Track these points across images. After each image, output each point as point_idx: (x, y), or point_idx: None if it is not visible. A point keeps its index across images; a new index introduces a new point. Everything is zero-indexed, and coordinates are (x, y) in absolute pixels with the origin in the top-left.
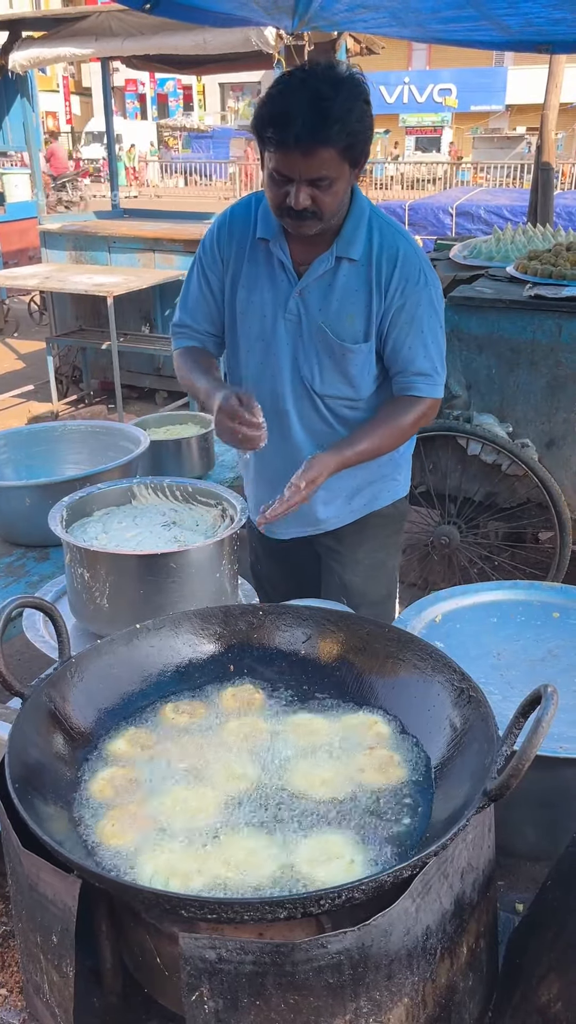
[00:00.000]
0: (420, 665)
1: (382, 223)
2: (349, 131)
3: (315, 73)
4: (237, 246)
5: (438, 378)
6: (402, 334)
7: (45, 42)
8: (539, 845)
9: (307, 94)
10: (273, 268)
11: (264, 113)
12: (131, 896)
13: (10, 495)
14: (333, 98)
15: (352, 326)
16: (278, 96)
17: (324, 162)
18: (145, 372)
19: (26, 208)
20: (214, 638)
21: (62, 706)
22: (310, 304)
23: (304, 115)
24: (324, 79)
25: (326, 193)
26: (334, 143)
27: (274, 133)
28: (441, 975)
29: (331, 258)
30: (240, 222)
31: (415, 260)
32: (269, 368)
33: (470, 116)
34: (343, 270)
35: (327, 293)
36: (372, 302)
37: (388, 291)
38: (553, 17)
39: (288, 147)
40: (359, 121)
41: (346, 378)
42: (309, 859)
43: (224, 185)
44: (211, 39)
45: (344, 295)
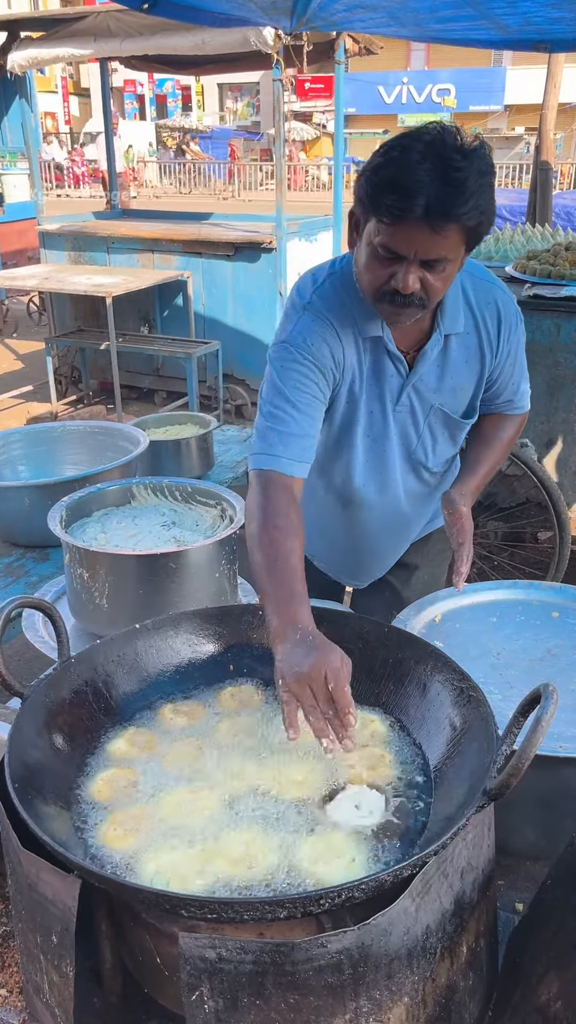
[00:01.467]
0: (420, 665)
1: (470, 278)
2: (482, 209)
3: (442, 139)
4: (355, 351)
5: (527, 389)
6: (507, 375)
7: (43, 43)
8: (539, 844)
9: (436, 161)
10: (383, 364)
11: (383, 178)
12: (131, 896)
13: (9, 495)
14: (467, 169)
15: (464, 397)
16: (401, 159)
17: (448, 241)
18: (144, 372)
19: (25, 209)
20: (213, 638)
21: (62, 706)
22: (423, 391)
23: (437, 185)
24: (453, 147)
25: (438, 277)
26: (466, 220)
27: (397, 201)
28: (441, 974)
29: (440, 339)
30: (346, 323)
31: (510, 304)
32: (375, 461)
33: (469, 116)
34: (452, 346)
35: (440, 375)
36: (485, 365)
37: (498, 348)
38: (551, 16)
39: (412, 219)
40: (491, 200)
41: (455, 442)
42: (311, 857)
43: (223, 185)
44: (209, 39)
45: (456, 371)
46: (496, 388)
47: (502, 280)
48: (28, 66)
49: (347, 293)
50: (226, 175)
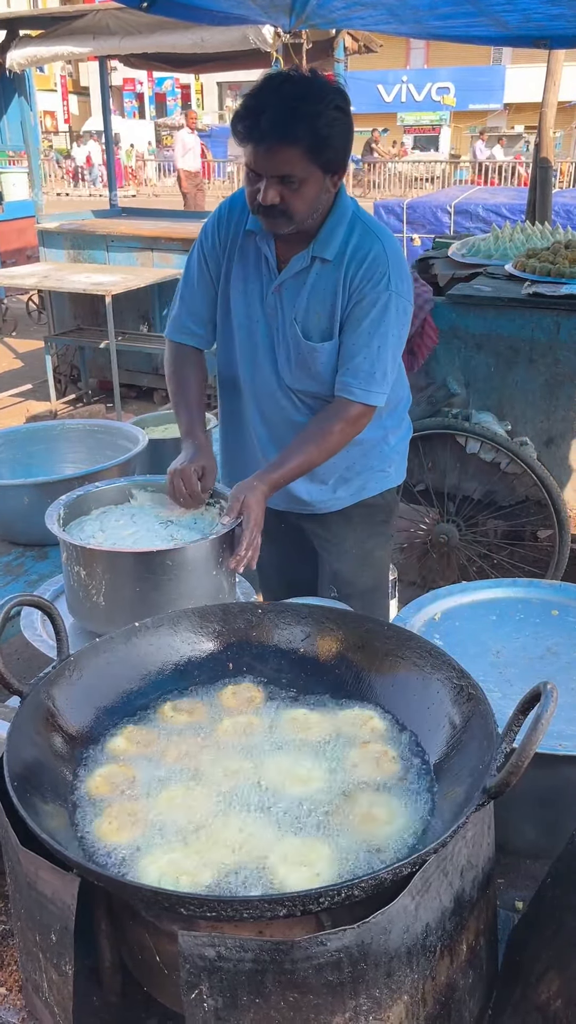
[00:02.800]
0: (419, 663)
1: (365, 227)
2: (316, 133)
3: (292, 77)
4: (232, 235)
5: (375, 385)
6: (350, 331)
7: (42, 41)
8: (538, 843)
9: (279, 94)
10: (260, 261)
11: (238, 109)
12: (130, 894)
13: (8, 494)
14: (303, 99)
15: (319, 324)
16: (252, 94)
17: (290, 160)
18: (143, 371)
19: (24, 207)
20: (213, 636)
21: (61, 705)
22: (285, 301)
23: (271, 111)
24: (298, 82)
25: (295, 194)
26: (299, 142)
27: (243, 127)
28: (441, 973)
29: (307, 257)
30: (237, 212)
31: (383, 262)
32: (249, 356)
33: (468, 115)
34: (316, 269)
35: (300, 291)
36: (338, 301)
37: (350, 289)
38: (551, 12)
39: (255, 141)
40: (328, 125)
41: (314, 375)
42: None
43: (222, 184)
44: (209, 37)
45: (313, 294)
46: (342, 343)
47: (500, 278)
48: (27, 64)
49: None
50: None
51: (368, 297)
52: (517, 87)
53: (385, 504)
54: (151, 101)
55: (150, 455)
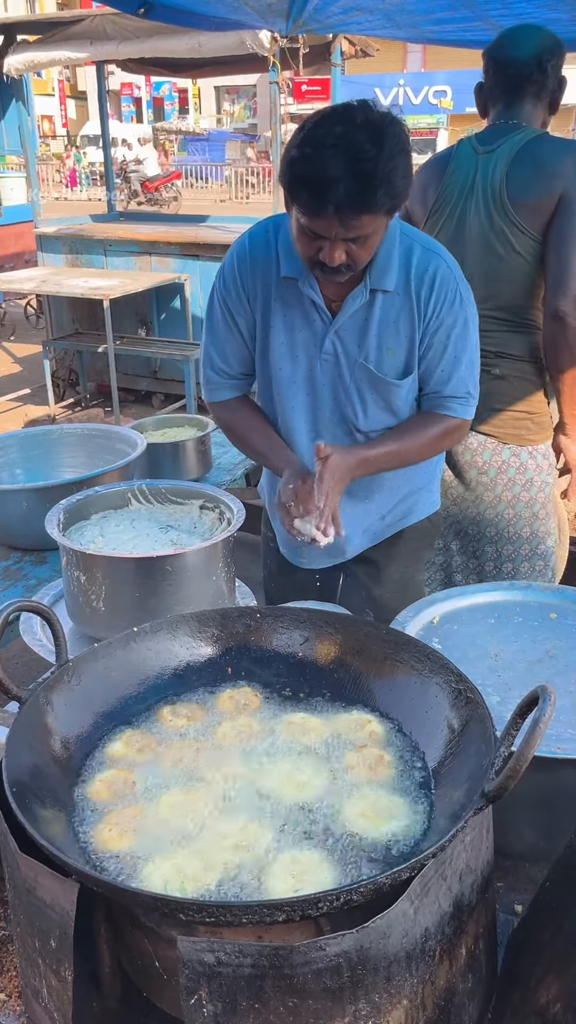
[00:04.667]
0: (418, 667)
1: (418, 245)
2: (394, 193)
3: (353, 123)
4: (262, 284)
5: (471, 400)
6: (436, 356)
7: (40, 46)
8: (537, 846)
9: (346, 154)
10: (305, 307)
11: (297, 173)
12: (129, 900)
13: (7, 499)
14: (376, 157)
15: (394, 359)
16: (314, 155)
17: (364, 225)
18: (142, 375)
19: (22, 211)
20: (211, 640)
21: (60, 710)
22: (347, 342)
23: (345, 181)
24: (365, 131)
25: (362, 248)
26: (377, 209)
27: (309, 198)
28: (440, 977)
29: (364, 292)
30: (261, 257)
31: (451, 279)
32: (306, 410)
33: (465, 118)
34: (379, 303)
35: (364, 329)
36: (415, 332)
37: (426, 316)
38: (547, 16)
39: (326, 215)
40: (404, 179)
41: (391, 411)
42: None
43: (220, 188)
44: (206, 42)
45: (382, 329)
46: (424, 369)
47: None
48: (25, 69)
49: (276, 234)
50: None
51: (447, 320)
52: None
53: (431, 528)
54: (149, 105)
55: (149, 459)
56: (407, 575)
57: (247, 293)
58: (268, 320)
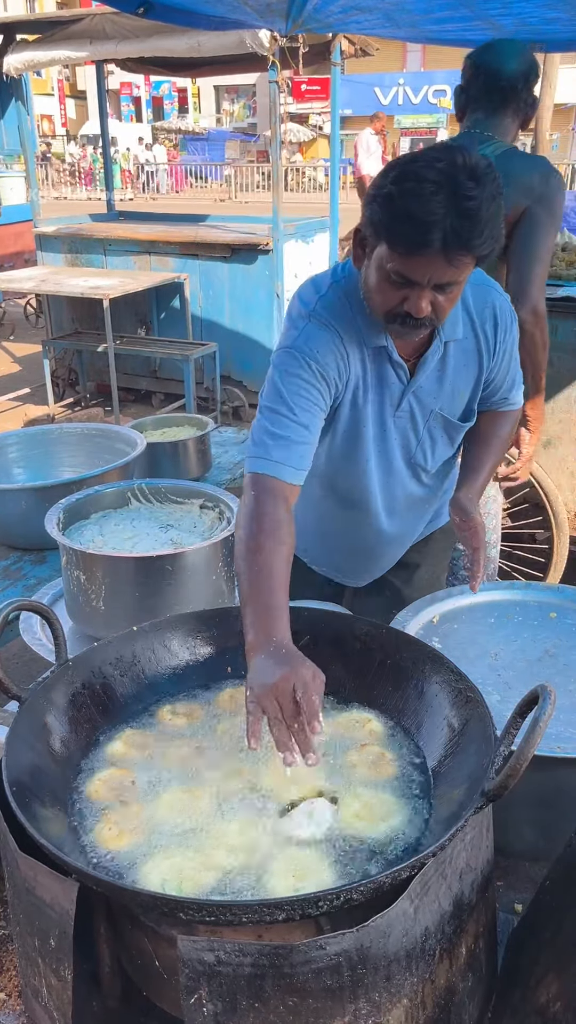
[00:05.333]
0: (418, 666)
1: (470, 283)
2: (495, 237)
3: (454, 166)
4: (359, 358)
5: (521, 383)
6: (503, 373)
7: (39, 45)
8: (537, 845)
9: (451, 191)
10: (386, 372)
11: (399, 210)
12: (129, 899)
13: (7, 498)
14: (480, 197)
15: (462, 401)
16: (416, 190)
17: (463, 269)
18: (141, 374)
19: (21, 211)
20: (211, 640)
21: (60, 709)
22: (423, 397)
23: (452, 218)
24: (466, 174)
25: (448, 298)
26: (482, 250)
27: (414, 235)
28: (440, 976)
29: (440, 347)
30: (357, 327)
31: (506, 310)
32: (379, 468)
33: None
34: (451, 352)
35: (440, 380)
36: (483, 371)
37: (495, 351)
38: (547, 16)
39: (429, 253)
40: (501, 225)
41: (453, 445)
42: None
43: (219, 187)
44: (205, 42)
45: (455, 376)
46: (492, 387)
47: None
48: (24, 69)
49: (350, 303)
50: (221, 177)
51: (509, 344)
52: None
53: None
54: (148, 105)
55: (148, 459)
56: (435, 574)
57: (343, 371)
58: (360, 395)
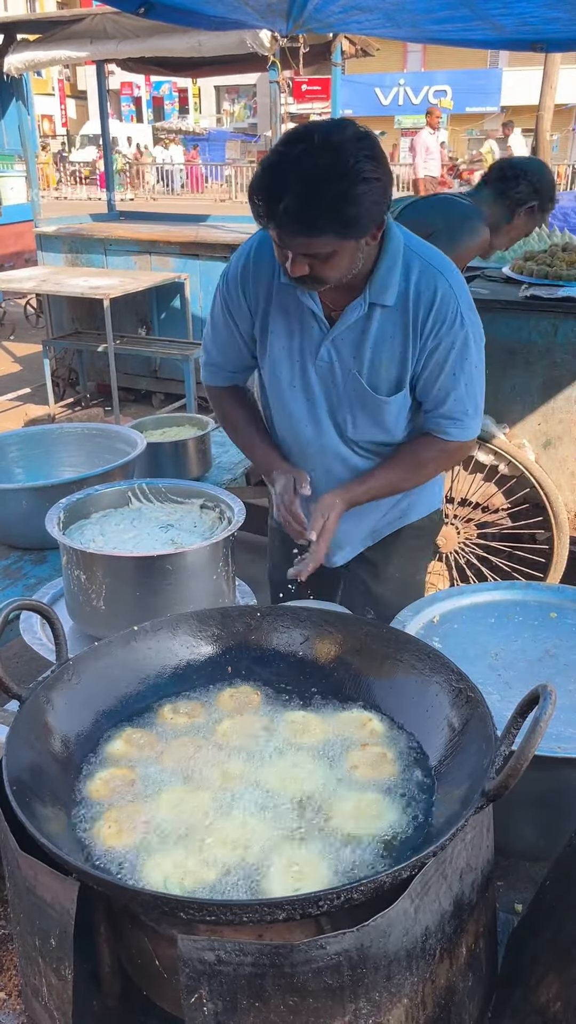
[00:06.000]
0: (418, 666)
1: (422, 262)
2: (343, 219)
3: (314, 146)
4: (264, 291)
5: (469, 421)
6: (432, 376)
7: (40, 45)
8: (538, 845)
9: (301, 172)
10: (303, 315)
11: (256, 181)
12: (129, 898)
13: (7, 498)
14: (325, 180)
15: (387, 374)
16: (274, 168)
17: (314, 245)
18: (142, 374)
19: (22, 211)
20: (212, 640)
21: (60, 708)
22: (343, 352)
23: (292, 196)
24: (320, 152)
25: (325, 265)
26: (323, 232)
27: (264, 208)
28: (440, 976)
29: (363, 304)
30: (265, 263)
31: (451, 300)
32: (302, 413)
33: (465, 117)
34: (376, 317)
35: (360, 341)
36: (408, 349)
37: (423, 335)
38: (547, 16)
39: (273, 226)
40: (356, 204)
41: (380, 426)
42: None
43: (220, 187)
44: (206, 42)
45: (378, 343)
46: (421, 387)
47: (498, 281)
48: (25, 68)
49: None
50: (222, 177)
51: (444, 341)
52: (514, 90)
53: (431, 526)
54: (149, 105)
55: (149, 458)
56: (407, 573)
57: (248, 299)
58: (267, 325)
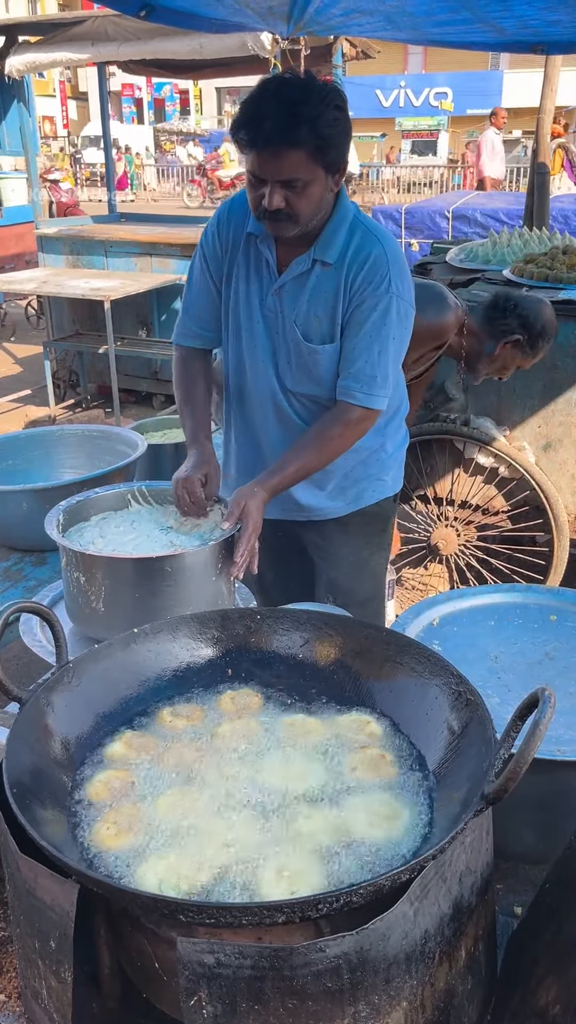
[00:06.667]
0: (418, 668)
1: (366, 229)
2: (319, 134)
3: (289, 80)
4: (233, 237)
5: (376, 388)
6: (350, 334)
7: (41, 47)
8: (537, 848)
9: (279, 97)
10: (260, 264)
11: (238, 116)
12: (129, 901)
13: (7, 499)
14: (303, 102)
15: (319, 327)
16: (251, 100)
17: (294, 164)
18: (142, 376)
19: (23, 212)
20: (212, 642)
21: (60, 711)
22: (286, 303)
23: (273, 116)
24: (296, 85)
25: (300, 196)
26: (302, 145)
27: (245, 134)
28: (440, 979)
29: (308, 260)
30: (237, 215)
31: (383, 264)
32: (250, 359)
33: (466, 119)
34: (317, 272)
35: (300, 294)
36: (339, 304)
37: (351, 292)
38: (548, 19)
39: (258, 147)
40: (329, 126)
41: (314, 378)
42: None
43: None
44: (207, 44)
45: (314, 296)
46: (343, 347)
47: (498, 283)
48: (26, 70)
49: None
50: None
51: (368, 300)
52: (514, 92)
53: (382, 513)
54: (150, 106)
55: (149, 460)
56: (362, 558)
57: (221, 246)
58: (232, 270)
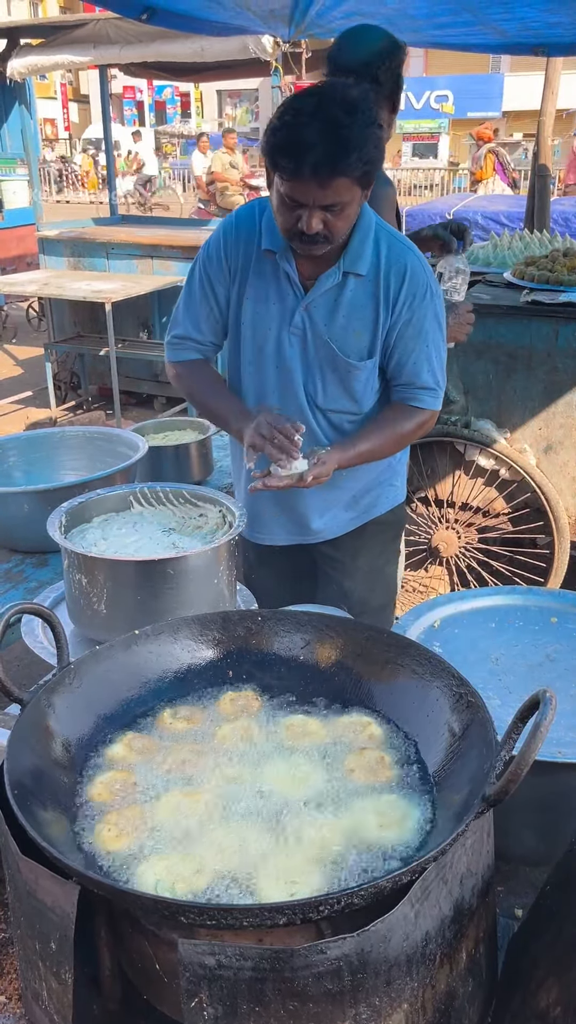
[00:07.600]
0: (418, 670)
1: (390, 237)
2: (366, 159)
3: (329, 97)
4: (244, 256)
5: (439, 391)
6: (408, 348)
7: (43, 49)
8: (538, 850)
9: (323, 121)
10: (280, 281)
11: (278, 141)
12: (130, 902)
13: (8, 501)
14: (351, 126)
15: (358, 342)
16: (290, 123)
17: (339, 190)
18: (143, 378)
19: (24, 214)
20: (213, 644)
21: (61, 712)
22: (316, 319)
23: (322, 144)
24: (339, 104)
25: (338, 218)
26: (351, 173)
27: (288, 163)
28: (440, 981)
29: (338, 273)
30: (246, 231)
31: (422, 275)
32: (277, 380)
33: (467, 122)
34: (350, 285)
35: (333, 308)
36: (379, 317)
37: (396, 306)
38: (549, 21)
39: (303, 177)
40: (375, 148)
41: (349, 393)
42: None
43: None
44: (208, 47)
45: (351, 311)
46: (395, 361)
47: (499, 286)
48: (28, 73)
49: (260, 213)
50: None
51: (418, 312)
52: (515, 95)
53: (396, 520)
54: (151, 109)
55: (150, 462)
56: (376, 566)
57: (229, 264)
58: (244, 290)
